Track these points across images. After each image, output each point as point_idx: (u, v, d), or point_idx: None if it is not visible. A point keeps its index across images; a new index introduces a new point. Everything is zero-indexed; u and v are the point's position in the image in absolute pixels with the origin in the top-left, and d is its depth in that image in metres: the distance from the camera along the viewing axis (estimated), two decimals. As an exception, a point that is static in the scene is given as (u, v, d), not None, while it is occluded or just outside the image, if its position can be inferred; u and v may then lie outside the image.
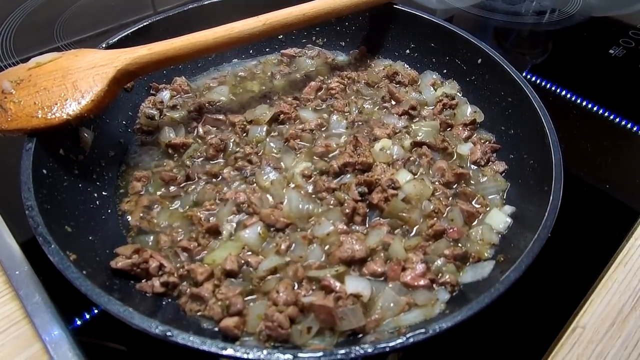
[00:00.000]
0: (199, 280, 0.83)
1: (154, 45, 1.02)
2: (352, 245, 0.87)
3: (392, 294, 0.82)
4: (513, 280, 0.74)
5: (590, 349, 0.90)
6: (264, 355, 0.64)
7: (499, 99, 1.16)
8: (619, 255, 1.06)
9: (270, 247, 0.90)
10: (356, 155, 1.03)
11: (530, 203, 0.94)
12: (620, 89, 1.54)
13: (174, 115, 1.18)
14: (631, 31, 1.77)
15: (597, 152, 1.31)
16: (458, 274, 0.88)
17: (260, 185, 1.00)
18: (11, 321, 0.89)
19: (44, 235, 0.75)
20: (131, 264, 0.84)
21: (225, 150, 1.09)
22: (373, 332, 0.79)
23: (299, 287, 0.83)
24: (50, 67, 0.97)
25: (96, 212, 0.95)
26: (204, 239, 0.91)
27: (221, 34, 1.08)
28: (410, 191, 0.97)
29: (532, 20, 1.86)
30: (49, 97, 0.91)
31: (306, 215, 0.95)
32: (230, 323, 0.77)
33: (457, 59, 1.27)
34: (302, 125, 1.14)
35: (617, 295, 0.99)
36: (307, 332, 0.76)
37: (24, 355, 0.85)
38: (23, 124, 0.88)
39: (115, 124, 1.13)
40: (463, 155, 1.11)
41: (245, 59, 1.39)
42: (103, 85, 0.94)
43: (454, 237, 0.93)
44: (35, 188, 0.81)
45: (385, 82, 1.30)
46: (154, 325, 0.66)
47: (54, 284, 0.91)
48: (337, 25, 1.41)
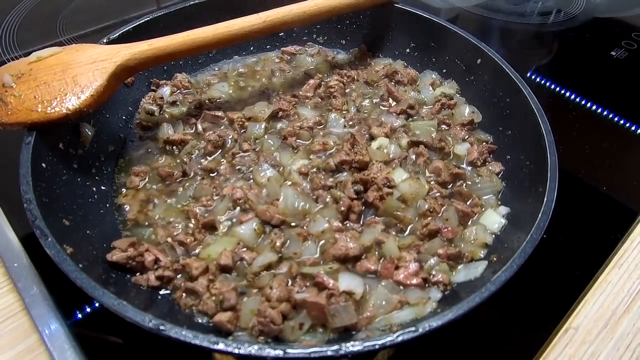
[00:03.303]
0: (193, 274, 0.84)
1: (154, 41, 1.03)
2: (347, 242, 0.88)
3: (384, 292, 0.83)
4: (504, 281, 0.74)
5: (583, 350, 0.91)
6: (255, 350, 0.65)
7: (498, 99, 1.16)
8: (614, 257, 1.06)
9: (265, 243, 0.90)
10: (353, 154, 1.04)
11: (525, 204, 0.94)
12: (621, 91, 1.53)
13: (174, 111, 1.18)
14: (634, 33, 1.76)
15: (596, 153, 1.30)
16: (451, 274, 0.88)
17: (257, 182, 1.01)
18: (9, 313, 0.90)
19: (41, 228, 0.76)
20: (127, 257, 0.85)
21: (224, 147, 1.09)
22: (365, 329, 0.79)
23: (293, 284, 0.84)
24: (51, 61, 0.97)
25: (94, 206, 0.96)
26: (200, 234, 0.92)
27: (222, 30, 1.08)
28: (405, 190, 0.98)
29: (536, 21, 1.86)
30: (49, 91, 0.92)
31: (302, 212, 0.95)
32: (223, 318, 0.77)
33: (456, 58, 1.28)
34: (300, 123, 1.14)
35: (611, 297, 0.99)
36: (299, 328, 0.77)
37: (21, 346, 0.86)
38: (23, 118, 0.89)
39: (115, 119, 1.14)
40: (460, 155, 1.11)
41: (245, 56, 1.40)
42: (103, 80, 0.95)
43: (448, 237, 0.93)
44: (34, 181, 0.82)
45: (384, 80, 1.30)
46: (147, 318, 0.67)
47: (52, 277, 0.92)
48: (337, 23, 1.41)
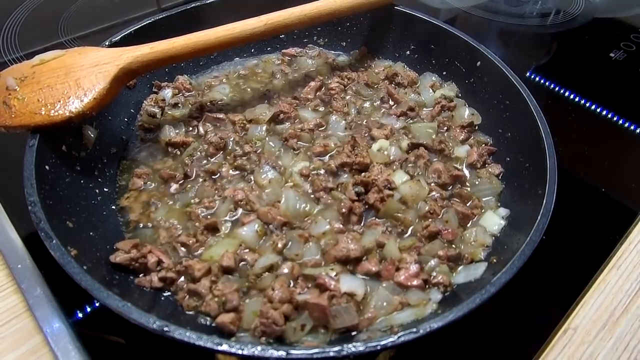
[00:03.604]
0: (196, 276, 0.84)
1: (156, 44, 1.04)
2: (348, 244, 0.89)
3: (385, 294, 0.84)
4: (504, 282, 0.75)
5: (581, 351, 0.92)
6: (258, 351, 0.66)
7: (497, 101, 1.16)
8: (613, 258, 1.06)
9: (267, 244, 0.91)
10: (354, 156, 1.04)
11: (524, 206, 0.95)
12: (620, 92, 1.54)
13: (176, 113, 1.19)
14: (632, 34, 1.77)
15: (595, 154, 1.31)
16: (451, 275, 0.89)
17: (259, 184, 1.02)
18: (13, 314, 0.91)
19: (45, 230, 0.76)
20: (130, 258, 0.86)
21: (225, 149, 1.10)
22: (366, 330, 0.80)
23: (295, 285, 0.85)
24: (53, 64, 0.98)
25: (97, 208, 0.96)
26: (202, 235, 0.92)
27: (223, 33, 1.09)
28: (406, 192, 0.99)
29: (536, 22, 1.86)
30: (52, 94, 0.92)
31: (303, 214, 0.96)
32: (226, 319, 0.78)
33: (456, 61, 1.28)
34: (301, 125, 1.15)
35: (610, 298, 1.00)
36: (301, 329, 0.78)
37: (25, 347, 0.87)
38: (26, 121, 0.90)
39: (117, 121, 1.14)
40: (460, 157, 1.12)
41: (246, 58, 1.40)
42: (105, 84, 0.96)
43: (448, 238, 0.94)
44: (38, 184, 0.82)
45: (384, 83, 1.31)
46: (151, 320, 0.68)
47: (55, 278, 0.93)
48: (338, 25, 1.42)
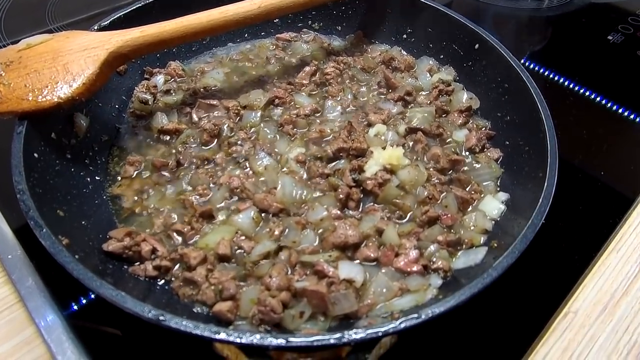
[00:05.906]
0: (192, 264, 0.82)
1: (147, 28, 1.01)
2: (346, 230, 0.87)
3: (384, 280, 0.83)
4: (506, 267, 0.74)
5: (582, 334, 0.91)
6: (257, 339, 0.64)
7: (496, 85, 1.14)
8: (612, 241, 1.06)
9: (264, 232, 0.90)
10: (350, 141, 1.02)
11: (524, 190, 0.94)
12: (618, 76, 1.53)
13: (168, 100, 1.16)
14: (630, 17, 1.75)
15: (593, 139, 1.30)
16: (451, 260, 0.88)
17: (254, 171, 1.00)
18: (4, 305, 0.89)
19: (35, 219, 0.74)
20: (123, 246, 0.84)
21: (220, 136, 1.08)
22: (366, 317, 0.79)
23: (292, 272, 0.83)
24: (41, 48, 0.95)
25: (89, 197, 0.94)
26: (198, 223, 0.91)
27: (215, 16, 1.06)
28: (404, 177, 0.97)
29: (531, 6, 1.84)
30: (39, 79, 0.90)
31: (300, 200, 0.95)
32: (223, 307, 0.77)
33: (454, 44, 1.26)
34: (296, 111, 1.13)
35: (610, 281, 0.99)
36: (299, 316, 0.76)
37: (18, 338, 0.85)
38: (13, 107, 0.87)
39: (108, 108, 1.11)
40: (458, 141, 1.10)
41: (240, 43, 1.37)
42: (95, 68, 0.93)
43: (448, 224, 0.92)
44: (27, 172, 0.80)
45: (381, 67, 1.28)
46: (146, 309, 0.66)
47: (48, 268, 0.91)
48: (333, 9, 1.39)
